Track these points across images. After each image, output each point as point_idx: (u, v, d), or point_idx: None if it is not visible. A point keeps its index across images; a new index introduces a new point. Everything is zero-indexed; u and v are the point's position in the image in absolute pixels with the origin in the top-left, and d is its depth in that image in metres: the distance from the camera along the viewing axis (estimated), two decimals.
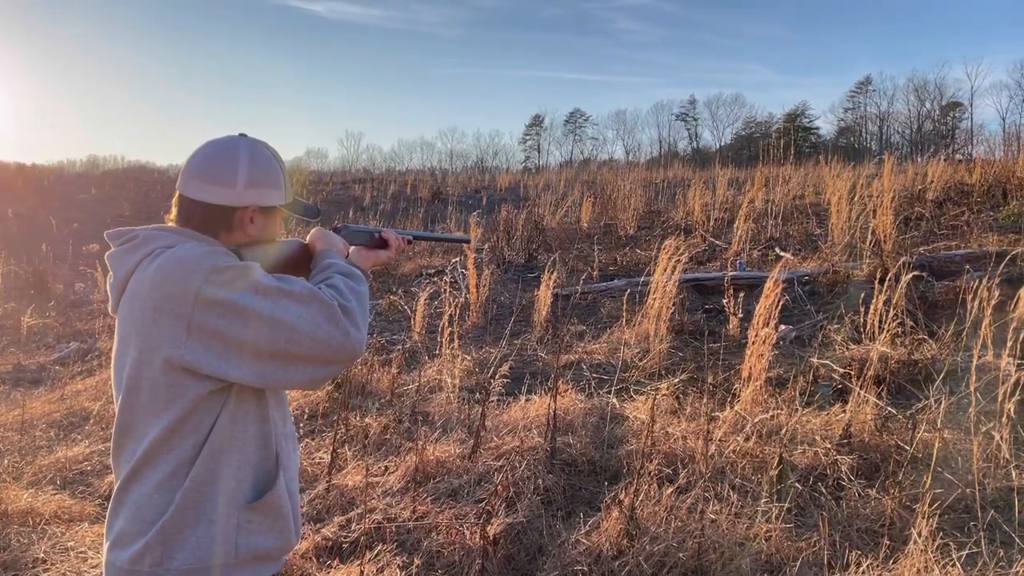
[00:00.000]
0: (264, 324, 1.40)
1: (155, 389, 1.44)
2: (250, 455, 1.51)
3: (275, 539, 1.54)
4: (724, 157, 34.06)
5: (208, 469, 1.45)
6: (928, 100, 62.47)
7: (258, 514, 1.51)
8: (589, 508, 3.75)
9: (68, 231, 17.39)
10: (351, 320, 1.48)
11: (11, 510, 3.79)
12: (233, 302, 1.39)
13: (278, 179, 1.63)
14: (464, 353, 6.24)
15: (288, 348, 1.41)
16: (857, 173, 12.81)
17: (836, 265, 8.25)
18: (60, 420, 5.55)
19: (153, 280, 1.43)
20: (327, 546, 3.48)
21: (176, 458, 1.45)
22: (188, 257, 1.43)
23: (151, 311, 1.42)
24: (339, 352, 1.45)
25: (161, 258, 1.45)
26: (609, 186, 18.41)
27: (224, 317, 1.39)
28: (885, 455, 4.01)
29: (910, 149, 55.54)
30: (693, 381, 5.33)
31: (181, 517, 1.44)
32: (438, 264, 11.50)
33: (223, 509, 1.47)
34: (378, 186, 27.07)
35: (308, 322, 1.42)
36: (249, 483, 1.51)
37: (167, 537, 1.43)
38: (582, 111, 77.95)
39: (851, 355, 5.48)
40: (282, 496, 1.55)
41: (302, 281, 1.50)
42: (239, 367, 1.41)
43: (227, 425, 1.47)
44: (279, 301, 1.42)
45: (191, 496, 1.44)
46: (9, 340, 8.75)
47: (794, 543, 3.20)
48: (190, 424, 1.44)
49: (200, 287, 1.39)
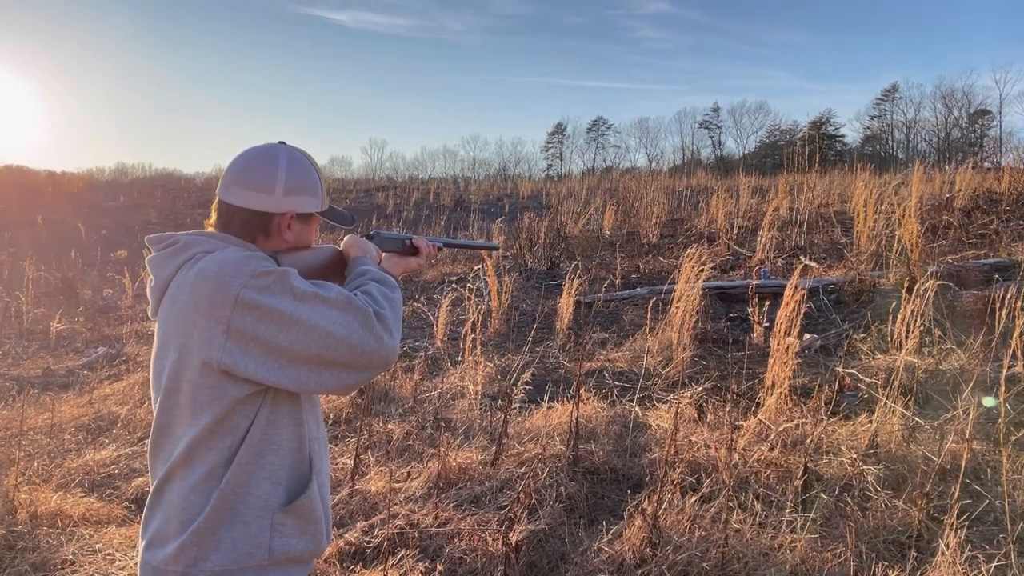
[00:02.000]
0: (301, 329, 1.41)
1: (193, 391, 1.46)
2: (285, 458, 1.53)
3: (307, 542, 1.56)
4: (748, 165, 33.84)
5: (244, 472, 1.47)
6: (956, 108, 61.71)
7: (291, 517, 1.53)
8: (612, 516, 3.74)
9: (97, 238, 17.67)
10: (385, 326, 1.49)
11: (40, 512, 3.85)
12: (272, 307, 1.41)
13: (316, 187, 1.65)
14: (486, 360, 6.25)
15: (323, 353, 1.43)
16: (884, 181, 12.68)
17: (862, 274, 8.18)
18: (88, 424, 5.63)
19: (194, 284, 1.45)
20: (350, 551, 3.50)
21: (213, 460, 1.46)
22: (229, 261, 1.46)
23: (192, 314, 1.44)
24: (373, 358, 1.47)
25: (202, 262, 1.48)
26: (631, 194, 18.38)
27: (263, 321, 1.41)
28: (912, 466, 3.95)
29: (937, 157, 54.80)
30: (716, 390, 5.29)
31: (217, 518, 1.45)
32: (460, 271, 11.54)
33: (258, 511, 1.48)
34: (401, 194, 27.23)
35: (344, 328, 1.44)
36: (283, 486, 1.52)
37: (202, 538, 1.45)
38: (604, 119, 77.86)
39: (878, 364, 5.42)
40: (315, 500, 1.56)
41: (338, 287, 1.52)
42: (276, 371, 1.43)
43: (263, 428, 1.49)
44: (316, 307, 1.44)
45: (227, 498, 1.46)
46: (39, 345, 8.89)
47: (820, 554, 3.17)
48: (227, 426, 1.46)
49: (240, 291, 1.41)
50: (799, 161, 17.63)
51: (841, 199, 14.68)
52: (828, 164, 23.30)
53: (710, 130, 73.74)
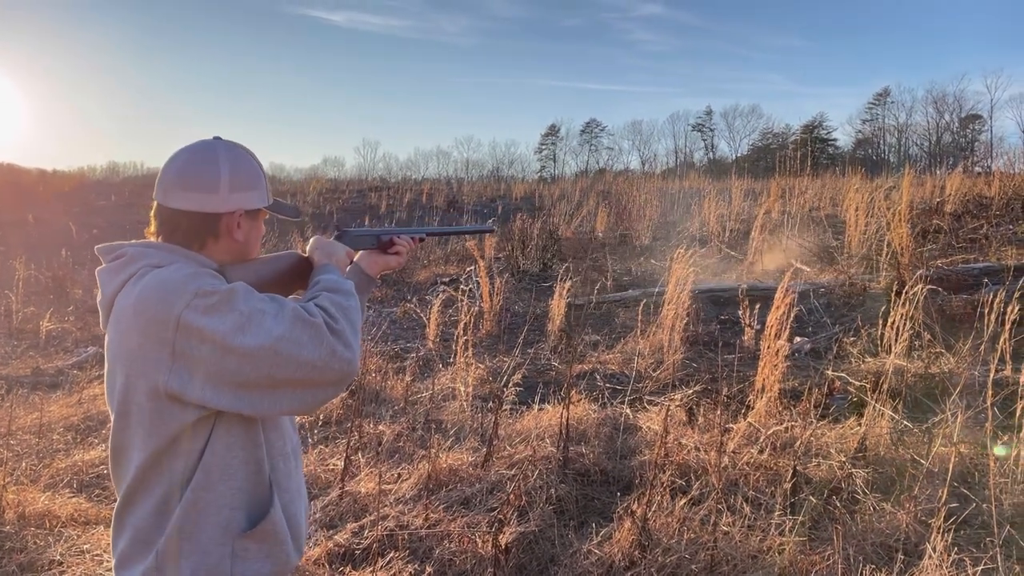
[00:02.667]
0: (247, 351, 1.33)
1: (141, 415, 1.40)
2: (241, 482, 1.46)
3: (271, 566, 1.50)
4: (740, 168, 33.94)
5: (200, 499, 1.41)
6: (947, 112, 62.13)
7: (254, 542, 1.47)
8: (601, 518, 3.75)
9: (88, 237, 17.57)
10: (339, 338, 1.41)
11: (28, 512, 3.83)
12: (214, 329, 1.33)
13: (259, 180, 1.58)
14: (478, 362, 6.26)
15: (274, 373, 1.35)
16: (875, 185, 12.75)
17: (853, 277, 8.22)
18: (77, 424, 5.60)
19: (136, 305, 1.38)
20: (340, 552, 3.49)
21: (167, 483, 1.42)
22: (172, 280, 1.38)
23: (136, 335, 1.37)
24: (326, 373, 1.39)
25: (145, 280, 1.40)
26: (624, 196, 18.42)
27: (205, 343, 1.33)
28: (900, 469, 3.98)
29: (928, 161, 55.18)
30: (707, 392, 5.31)
31: (176, 545, 1.41)
32: (453, 273, 11.54)
33: (218, 539, 1.43)
34: (394, 194, 27.21)
35: (292, 344, 1.35)
36: (243, 511, 1.47)
37: (162, 563, 1.41)
38: (598, 121, 78.04)
39: (867, 368, 5.45)
40: (278, 523, 1.50)
41: (288, 302, 1.44)
42: (227, 396, 1.36)
43: (218, 453, 1.43)
44: (263, 324, 1.35)
45: (184, 527, 1.41)
46: (28, 344, 8.84)
47: (808, 557, 3.18)
48: (177, 451, 1.41)
49: (181, 313, 1.33)
50: (791, 164, 17.71)
51: (832, 203, 14.75)
52: (820, 168, 23.42)
53: (703, 133, 74.09)
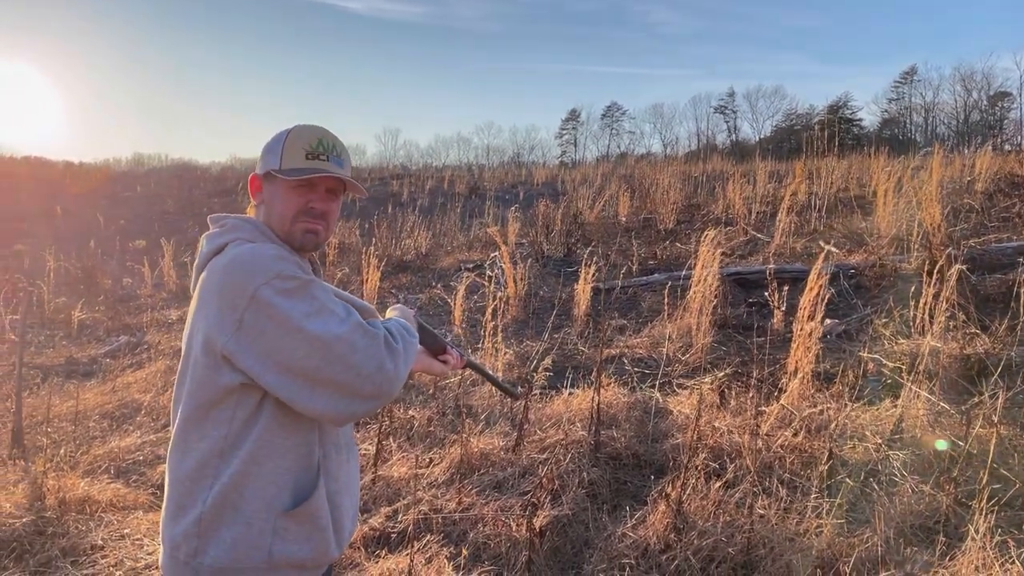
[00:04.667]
0: (305, 338, 1.40)
1: (196, 366, 1.48)
2: (290, 463, 1.50)
3: (310, 550, 1.52)
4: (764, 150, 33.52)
5: (248, 471, 1.46)
6: (975, 90, 60.76)
7: (294, 522, 1.50)
8: (635, 502, 3.74)
9: (115, 228, 17.78)
10: (391, 355, 1.46)
11: (69, 498, 3.89)
12: (284, 310, 1.40)
13: (276, 146, 1.62)
14: (505, 347, 6.25)
15: (320, 367, 1.40)
16: (903, 164, 12.54)
17: (883, 258, 8.09)
18: (112, 411, 5.69)
19: (224, 268, 1.46)
20: (375, 536, 3.52)
21: (205, 449, 1.47)
22: (260, 256, 1.46)
23: (215, 296, 1.44)
24: (367, 383, 1.43)
25: (240, 249, 1.49)
26: (647, 180, 18.27)
27: (272, 321, 1.40)
28: (938, 451, 3.92)
29: (957, 140, 54.12)
30: (738, 375, 5.27)
31: (219, 514, 1.45)
32: (476, 258, 11.53)
33: (261, 513, 1.47)
34: (416, 182, 27.22)
35: (347, 345, 1.41)
36: (288, 490, 1.50)
37: (204, 530, 1.46)
38: (619, 105, 77.34)
39: (901, 349, 5.37)
40: (320, 507, 1.53)
41: (356, 313, 1.50)
42: (269, 373, 1.42)
43: (271, 429, 1.47)
44: (328, 320, 1.42)
45: (230, 496, 1.45)
46: (62, 334, 8.98)
47: (846, 539, 3.15)
48: (218, 417, 1.47)
49: (259, 287, 1.40)
50: (817, 145, 17.43)
51: (860, 183, 14.51)
52: (846, 148, 23.07)
53: (725, 115, 73.11)
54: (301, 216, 1.60)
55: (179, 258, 12.61)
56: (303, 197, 1.60)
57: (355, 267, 10.47)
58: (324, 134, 1.63)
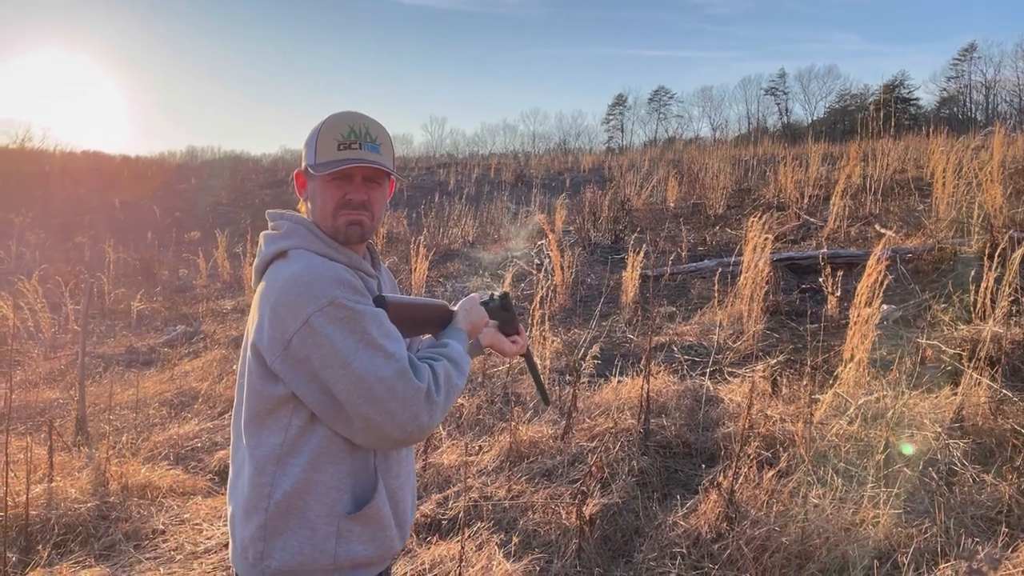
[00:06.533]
0: (348, 374, 1.41)
1: (251, 375, 1.51)
2: (349, 466, 1.52)
3: (374, 549, 1.55)
4: (817, 132, 32.67)
5: (310, 479, 1.48)
6: None
7: (358, 524, 1.52)
8: (685, 491, 3.71)
9: (171, 220, 18.24)
10: (429, 407, 1.46)
11: (131, 483, 4.02)
12: (332, 341, 1.41)
13: (311, 140, 1.60)
14: (553, 334, 6.25)
15: (356, 402, 1.41)
16: (963, 144, 12.12)
17: (942, 242, 7.85)
18: (171, 399, 5.85)
19: (283, 283, 1.47)
20: (426, 523, 3.55)
21: (262, 456, 1.50)
22: (319, 279, 1.45)
23: (270, 310, 1.46)
24: (396, 430, 1.44)
25: (300, 265, 1.49)
26: (696, 164, 18.01)
27: (319, 350, 1.41)
28: (1001, 440, 3.80)
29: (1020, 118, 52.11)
30: (791, 363, 5.18)
31: (283, 520, 1.49)
32: (523, 247, 11.53)
33: (324, 518, 1.50)
34: (462, 170, 27.27)
35: (387, 390, 1.41)
36: (349, 494, 1.53)
37: (269, 534, 1.49)
38: (666, 88, 76.39)
39: (961, 335, 5.21)
40: (382, 507, 1.55)
41: (405, 352, 1.48)
42: (312, 394, 1.44)
43: (329, 435, 1.49)
44: (374, 359, 1.42)
45: (293, 503, 1.48)
46: (122, 324, 9.26)
47: (904, 530, 3.08)
48: (274, 425, 1.49)
49: (312, 315, 1.41)
50: (872, 126, 16.94)
51: (917, 165, 14.08)
52: (902, 128, 22.39)
53: (776, 97, 71.55)
54: (341, 209, 1.58)
55: (232, 249, 12.88)
56: (340, 190, 1.59)
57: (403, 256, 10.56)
58: (355, 120, 1.60)
